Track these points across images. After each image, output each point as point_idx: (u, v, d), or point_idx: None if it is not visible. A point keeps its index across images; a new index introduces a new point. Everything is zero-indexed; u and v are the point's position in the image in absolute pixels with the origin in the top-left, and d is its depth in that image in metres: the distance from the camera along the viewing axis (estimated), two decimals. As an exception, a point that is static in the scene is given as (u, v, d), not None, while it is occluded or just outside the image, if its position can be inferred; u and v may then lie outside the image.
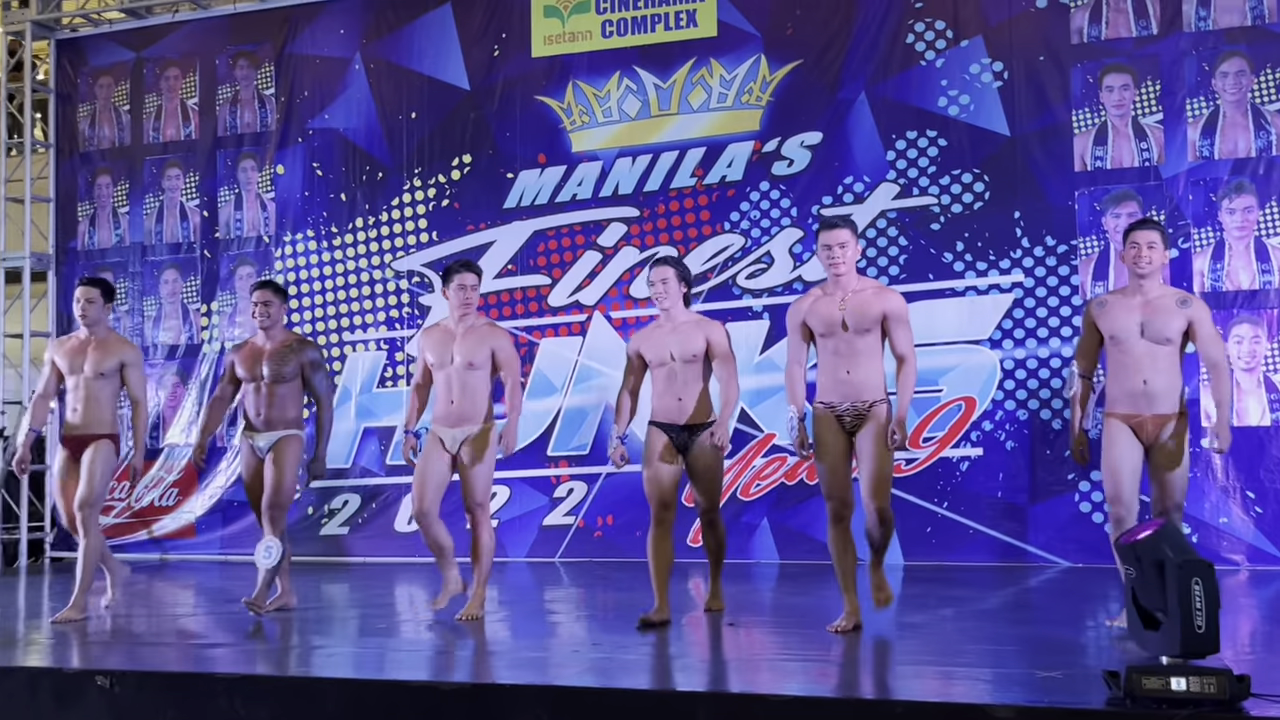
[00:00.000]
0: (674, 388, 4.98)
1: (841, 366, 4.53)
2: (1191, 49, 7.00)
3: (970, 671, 4.15)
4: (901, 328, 4.55)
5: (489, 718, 3.82)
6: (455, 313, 5.30)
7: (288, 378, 5.52)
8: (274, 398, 5.52)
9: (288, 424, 5.54)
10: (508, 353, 5.32)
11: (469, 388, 5.19)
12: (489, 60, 8.28)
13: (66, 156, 9.30)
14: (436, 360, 5.27)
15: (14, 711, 4.28)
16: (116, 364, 5.48)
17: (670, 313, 5.03)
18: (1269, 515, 6.67)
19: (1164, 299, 4.51)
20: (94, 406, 5.45)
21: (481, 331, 5.32)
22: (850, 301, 4.53)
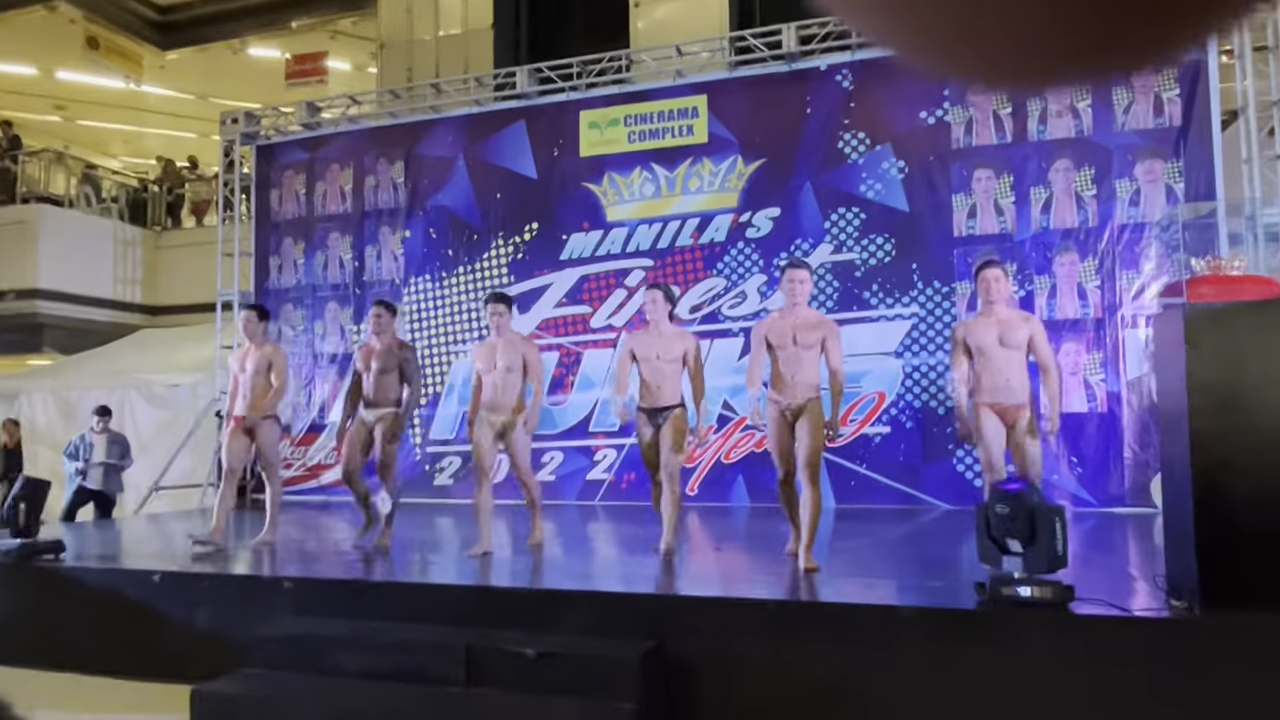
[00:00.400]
0: (655, 379, 4.75)
1: (790, 372, 4.39)
2: (1034, 152, 6.96)
3: (882, 582, 4.13)
4: (836, 345, 4.43)
5: (548, 615, 3.82)
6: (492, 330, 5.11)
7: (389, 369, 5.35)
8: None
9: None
10: (534, 359, 5.07)
11: (506, 386, 4.97)
12: (550, 159, 8.30)
13: (262, 224, 9.34)
14: (484, 365, 5.05)
15: (229, 604, 4.31)
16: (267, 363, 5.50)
17: (658, 324, 4.83)
18: (1087, 474, 6.63)
19: (1013, 317, 4.40)
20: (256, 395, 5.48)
21: (515, 343, 5.08)
22: (800, 324, 4.40)
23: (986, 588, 3.43)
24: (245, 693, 3.67)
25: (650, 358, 4.78)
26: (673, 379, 4.77)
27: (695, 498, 7.42)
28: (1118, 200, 6.73)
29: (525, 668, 3.47)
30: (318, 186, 9.16)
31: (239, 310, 9.16)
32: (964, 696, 3.23)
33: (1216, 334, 3.19)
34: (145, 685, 4.26)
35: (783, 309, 4.56)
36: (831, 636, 3.45)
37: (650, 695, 3.43)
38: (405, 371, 5.36)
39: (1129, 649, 3.12)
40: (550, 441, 7.92)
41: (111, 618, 4.49)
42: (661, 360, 4.77)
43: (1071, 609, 3.26)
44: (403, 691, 3.54)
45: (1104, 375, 6.65)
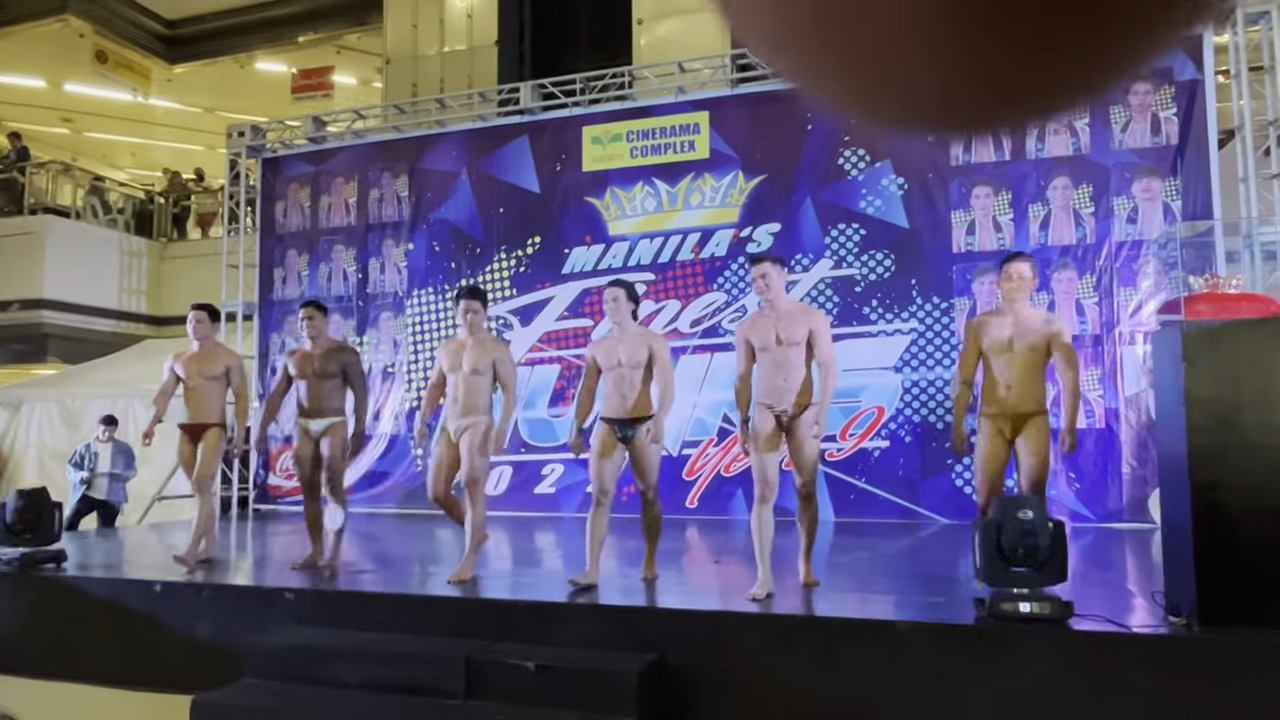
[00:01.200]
0: (620, 388, 4.25)
1: (779, 375, 3.98)
2: (1032, 170, 6.98)
3: (881, 597, 4.11)
4: (825, 338, 4.02)
5: (548, 628, 3.81)
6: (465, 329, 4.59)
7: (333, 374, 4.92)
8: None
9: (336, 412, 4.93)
10: (507, 364, 4.57)
11: (472, 389, 4.47)
12: (553, 173, 8.32)
13: (267, 237, 9.35)
14: (449, 365, 4.54)
15: (230, 614, 4.30)
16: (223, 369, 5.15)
17: (622, 326, 4.31)
18: (1085, 489, 6.61)
19: (1032, 318, 3.96)
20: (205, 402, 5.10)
21: (486, 344, 4.57)
22: (782, 319, 4.00)
23: (986, 603, 3.42)
24: (245, 703, 3.66)
25: (614, 364, 4.26)
26: (639, 386, 4.26)
27: (695, 511, 7.41)
28: (1115, 218, 6.74)
29: (525, 680, 3.46)
30: (322, 199, 9.18)
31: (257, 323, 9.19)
32: (963, 712, 3.22)
33: (1214, 352, 3.20)
34: (146, 695, 4.24)
35: (761, 307, 4.18)
36: (831, 651, 3.43)
37: (649, 709, 3.41)
38: (349, 376, 4.92)
39: (1128, 665, 3.10)
40: (550, 454, 7.91)
41: (112, 628, 4.47)
42: (626, 366, 4.23)
43: (1071, 625, 3.25)
44: (402, 703, 3.53)
45: (1102, 391, 6.65)
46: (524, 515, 7.75)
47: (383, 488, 8.37)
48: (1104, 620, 3.30)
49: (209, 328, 5.21)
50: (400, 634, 3.93)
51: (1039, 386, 3.91)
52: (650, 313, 7.78)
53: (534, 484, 7.95)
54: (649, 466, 4.27)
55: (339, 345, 5.03)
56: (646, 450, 4.22)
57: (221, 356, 5.17)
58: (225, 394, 5.20)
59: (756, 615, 3.66)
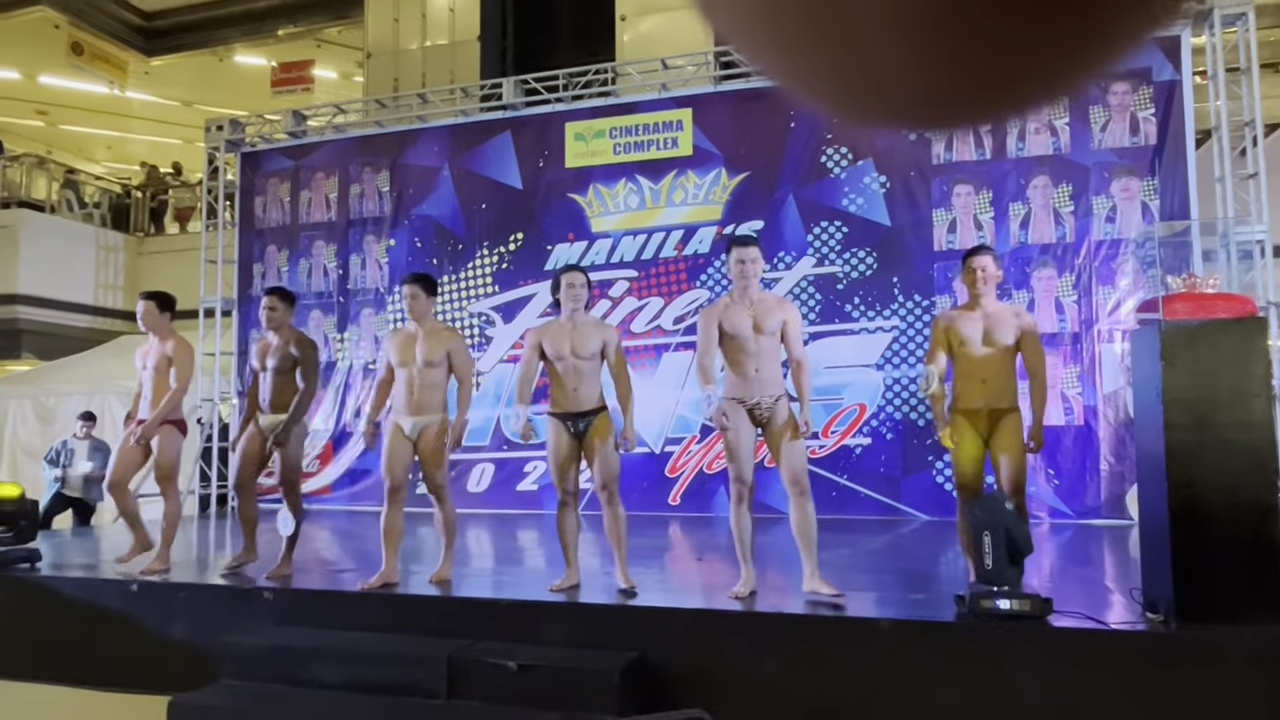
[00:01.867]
0: (569, 380, 4.00)
1: (753, 365, 3.77)
2: (1013, 169, 7.02)
3: (862, 594, 4.10)
4: (797, 331, 3.84)
5: (530, 627, 3.79)
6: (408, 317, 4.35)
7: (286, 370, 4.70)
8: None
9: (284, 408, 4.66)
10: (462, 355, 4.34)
11: (426, 384, 4.24)
12: (535, 169, 8.28)
13: (246, 232, 9.25)
14: (399, 358, 4.27)
15: (208, 614, 4.25)
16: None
17: (574, 315, 4.07)
18: (1064, 486, 6.66)
19: (1002, 311, 3.87)
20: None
21: (441, 335, 4.31)
22: (759, 307, 3.80)
23: (966, 600, 3.43)
24: (223, 704, 3.62)
25: (563, 354, 4.01)
26: (591, 378, 4.02)
27: (678, 508, 7.41)
28: (1094, 217, 6.79)
29: (507, 680, 3.44)
30: (302, 194, 9.09)
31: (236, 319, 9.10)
32: (944, 708, 3.23)
33: (1192, 351, 3.22)
34: (122, 696, 4.19)
35: (733, 293, 3.89)
36: (813, 649, 3.43)
37: (631, 707, 3.40)
38: (301, 365, 4.65)
39: (1106, 662, 3.12)
40: (533, 451, 7.88)
41: (88, 628, 4.41)
42: (577, 356, 3.99)
43: (1050, 622, 3.27)
44: (384, 704, 3.50)
45: (1081, 389, 6.70)
46: (506, 513, 7.72)
47: (364, 485, 8.31)
48: (1083, 617, 3.32)
49: (158, 318, 4.83)
50: (381, 633, 3.90)
51: (1012, 382, 3.83)
52: (633, 310, 7.77)
53: (516, 481, 7.92)
54: (605, 463, 3.96)
55: (298, 336, 4.75)
56: (601, 445, 3.96)
57: (169, 349, 4.79)
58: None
59: (739, 613, 3.66)
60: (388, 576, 4.19)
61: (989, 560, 3.35)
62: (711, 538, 6.33)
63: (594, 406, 4.03)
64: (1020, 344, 3.81)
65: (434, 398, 4.25)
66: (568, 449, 4.02)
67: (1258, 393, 3.17)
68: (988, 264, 3.86)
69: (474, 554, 5.82)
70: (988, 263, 3.87)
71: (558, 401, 4.05)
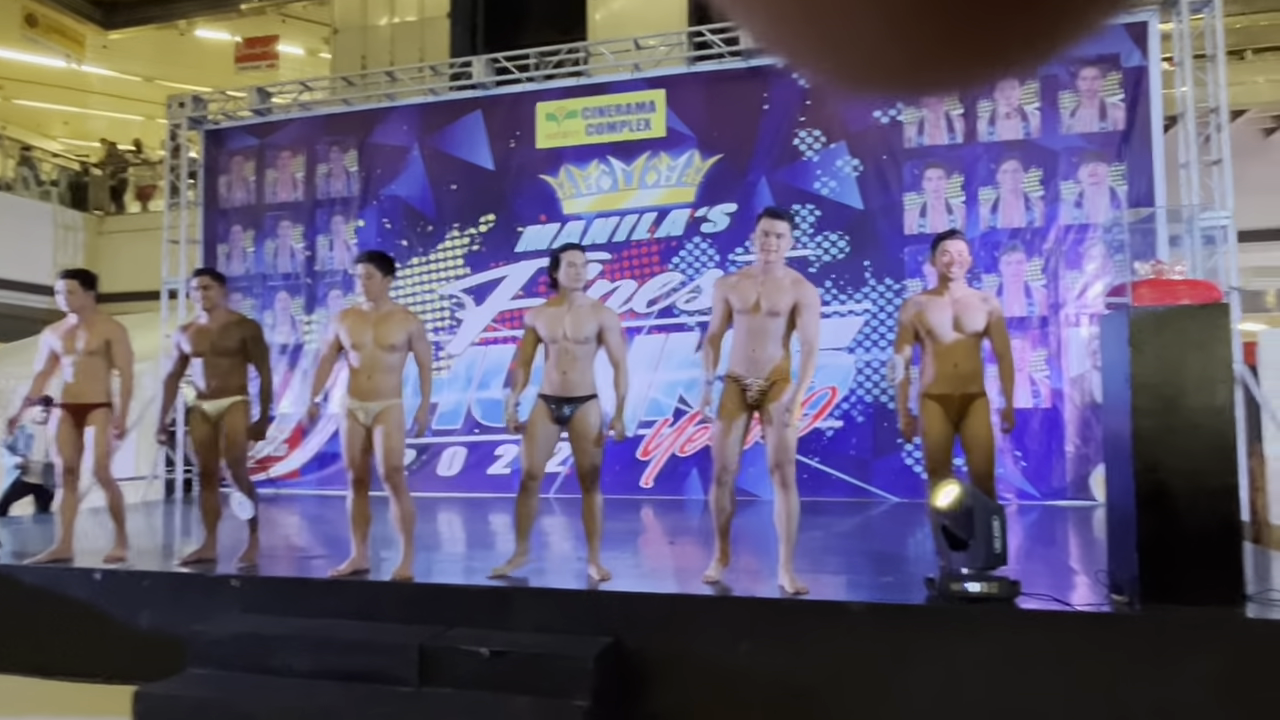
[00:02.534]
0: (561, 363, 3.87)
1: (752, 344, 3.63)
2: (983, 153, 7.05)
3: (833, 578, 4.14)
4: (814, 315, 3.63)
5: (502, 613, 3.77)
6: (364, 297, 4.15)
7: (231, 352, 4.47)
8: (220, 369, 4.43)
9: (233, 391, 4.48)
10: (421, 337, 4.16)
11: (382, 367, 4.05)
12: (507, 150, 8.18)
13: (210, 211, 9.06)
14: (353, 340, 4.05)
15: (174, 602, 4.18)
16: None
17: (571, 295, 3.92)
18: (1031, 468, 6.75)
19: (970, 297, 3.88)
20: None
21: (400, 316, 4.12)
22: (770, 285, 3.62)
23: (936, 583, 3.47)
24: (190, 694, 3.57)
25: (557, 336, 3.87)
26: (585, 363, 3.88)
27: (650, 491, 7.42)
28: (1063, 201, 6.85)
29: (480, 667, 3.42)
30: (268, 173, 8.91)
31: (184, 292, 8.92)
32: (915, 690, 3.27)
33: (1159, 337, 3.26)
34: (86, 686, 4.11)
35: (750, 267, 3.76)
36: (785, 632, 3.45)
37: (605, 692, 3.40)
38: (251, 352, 4.47)
39: (1073, 642, 3.17)
40: (505, 435, 7.83)
41: (50, 617, 4.33)
42: (571, 340, 3.85)
43: (1018, 604, 3.31)
44: (355, 691, 3.47)
45: (1048, 372, 6.78)
46: (478, 496, 7.68)
47: (333, 469, 8.20)
48: (1050, 599, 3.37)
49: (83, 298, 4.56)
50: (351, 620, 3.86)
51: (980, 366, 3.85)
52: (605, 292, 7.72)
53: (488, 465, 7.88)
54: (589, 453, 3.88)
55: (238, 319, 4.56)
56: (591, 434, 3.87)
57: (102, 328, 4.55)
58: (110, 371, 4.62)
59: (712, 598, 3.66)
60: (357, 564, 4.11)
61: (998, 543, 3.34)
62: (684, 521, 6.34)
63: (584, 393, 3.88)
64: (988, 329, 3.84)
65: (389, 382, 4.05)
66: (547, 433, 3.90)
67: (1222, 378, 3.22)
68: (960, 248, 3.87)
69: (445, 539, 5.78)
70: (960, 247, 3.88)
71: (547, 384, 3.92)
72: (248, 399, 4.51)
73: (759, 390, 3.62)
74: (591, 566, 3.97)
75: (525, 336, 3.97)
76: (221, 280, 4.65)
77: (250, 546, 4.48)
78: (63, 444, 4.58)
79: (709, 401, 3.67)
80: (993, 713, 3.19)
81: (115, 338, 4.54)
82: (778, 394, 3.59)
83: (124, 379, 4.53)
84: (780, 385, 3.62)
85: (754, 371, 3.62)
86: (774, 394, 3.60)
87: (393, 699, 3.40)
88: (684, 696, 3.48)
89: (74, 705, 3.96)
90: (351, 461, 4.07)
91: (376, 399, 4.02)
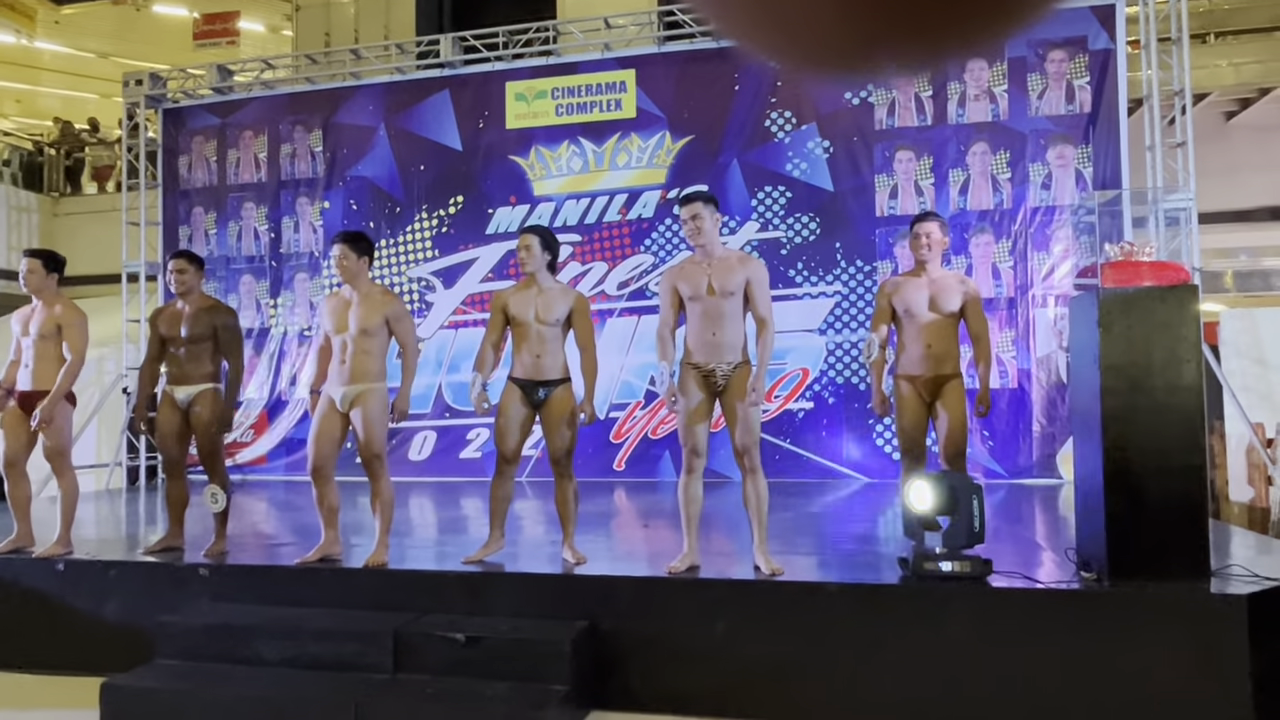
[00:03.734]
0: (531, 347, 3.84)
1: (710, 329, 3.59)
2: (953, 135, 7.09)
3: (806, 558, 4.17)
4: (763, 291, 3.62)
5: (477, 598, 3.75)
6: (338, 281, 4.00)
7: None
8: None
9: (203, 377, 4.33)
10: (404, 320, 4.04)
11: (362, 352, 3.93)
12: (475, 130, 8.07)
13: (170, 193, 8.85)
14: (333, 325, 3.98)
15: (140, 592, 4.11)
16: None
17: (536, 277, 3.88)
18: (998, 447, 6.85)
19: (947, 279, 3.90)
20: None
21: (376, 299, 3.99)
22: (717, 267, 3.60)
23: (909, 562, 3.50)
24: (159, 685, 3.51)
25: (526, 319, 3.83)
26: (555, 345, 3.84)
27: (622, 473, 7.42)
28: (1031, 183, 6.91)
29: (456, 652, 3.40)
30: (230, 154, 8.72)
31: (161, 285, 8.73)
32: (889, 669, 3.30)
33: (1128, 318, 3.30)
34: (52, 679, 4.03)
35: (692, 255, 3.72)
36: (760, 613, 3.47)
37: (582, 675, 3.40)
38: (221, 339, 4.34)
39: (1044, 620, 3.23)
40: (475, 418, 7.78)
41: (12, 609, 4.23)
42: (540, 323, 3.82)
43: (989, 582, 3.36)
44: (328, 679, 3.43)
45: (1015, 352, 6.87)
46: (449, 480, 7.63)
47: (301, 455, 8.09)
48: (1020, 576, 3.42)
49: (43, 279, 4.37)
50: (323, 608, 3.82)
51: (956, 348, 3.87)
52: (576, 275, 7.68)
53: (459, 449, 7.83)
54: (562, 437, 3.83)
55: (212, 304, 4.42)
56: (562, 417, 3.82)
57: (55, 312, 4.34)
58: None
59: (688, 580, 3.67)
60: (327, 549, 4.03)
61: (977, 522, 3.38)
62: (657, 503, 6.35)
63: (556, 377, 3.85)
64: (964, 311, 3.87)
65: (369, 366, 3.94)
66: (520, 417, 3.86)
67: (1188, 358, 3.27)
68: (933, 230, 3.88)
69: (417, 524, 5.74)
70: (933, 229, 3.88)
71: (518, 367, 3.88)
72: (219, 387, 4.38)
73: (723, 375, 3.58)
74: (566, 550, 3.95)
75: (493, 318, 3.92)
76: (198, 263, 4.50)
77: (217, 538, 4.33)
78: (7, 434, 4.38)
79: (674, 394, 3.62)
80: (966, 690, 3.23)
81: (67, 322, 4.34)
82: (743, 377, 3.56)
83: (69, 365, 4.31)
84: (744, 369, 3.59)
85: (716, 356, 3.58)
86: (739, 377, 3.57)
87: (367, 687, 3.37)
88: (661, 678, 3.48)
89: (40, 698, 3.88)
90: (316, 451, 3.94)
91: (354, 382, 3.92)
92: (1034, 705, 3.17)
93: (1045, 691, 3.17)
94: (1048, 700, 3.16)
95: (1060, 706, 3.15)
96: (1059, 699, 3.15)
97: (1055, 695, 3.15)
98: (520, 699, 3.22)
